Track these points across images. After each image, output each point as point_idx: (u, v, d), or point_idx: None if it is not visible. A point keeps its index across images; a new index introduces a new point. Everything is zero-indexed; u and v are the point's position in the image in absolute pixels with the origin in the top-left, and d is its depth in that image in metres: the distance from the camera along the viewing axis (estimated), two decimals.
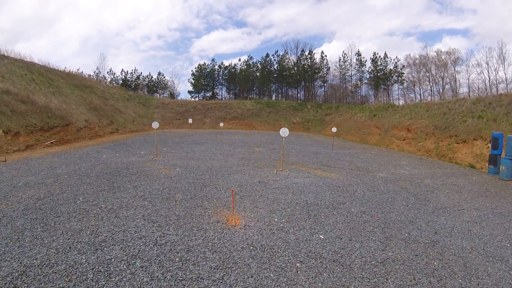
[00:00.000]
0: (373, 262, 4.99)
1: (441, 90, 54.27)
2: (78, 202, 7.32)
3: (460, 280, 4.56)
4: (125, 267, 4.48)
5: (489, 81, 48.89)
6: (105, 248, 5.02)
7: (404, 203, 8.41)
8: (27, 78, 22.40)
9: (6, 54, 25.38)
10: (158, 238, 5.51)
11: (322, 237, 5.89)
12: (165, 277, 4.29)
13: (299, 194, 8.82)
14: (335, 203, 8.10)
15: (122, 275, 4.29)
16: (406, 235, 6.21)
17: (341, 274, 4.60)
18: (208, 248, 5.24)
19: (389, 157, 18.57)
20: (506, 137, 13.60)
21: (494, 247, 5.78)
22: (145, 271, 4.42)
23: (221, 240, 5.57)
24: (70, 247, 4.97)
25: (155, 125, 15.09)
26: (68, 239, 5.28)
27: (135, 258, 4.77)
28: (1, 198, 7.19)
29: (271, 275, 4.50)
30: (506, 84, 45.71)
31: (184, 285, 4.13)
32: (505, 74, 48.27)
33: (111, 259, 4.69)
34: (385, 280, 4.48)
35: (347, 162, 15.28)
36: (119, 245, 5.17)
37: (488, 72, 49.36)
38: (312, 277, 4.49)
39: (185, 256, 4.93)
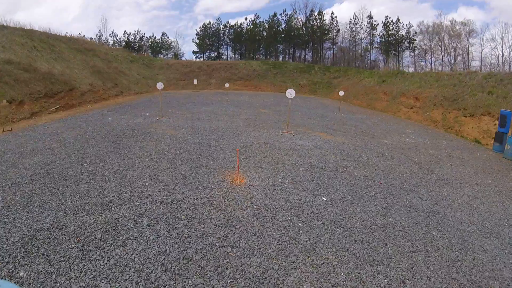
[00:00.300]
0: (373, 227, 5.09)
1: (452, 61, 52.71)
2: (85, 164, 7.39)
3: (456, 252, 4.64)
4: (132, 226, 4.59)
5: (503, 57, 47.10)
6: (113, 208, 5.13)
7: (407, 171, 8.45)
8: (28, 46, 21.96)
9: (5, 24, 24.72)
10: (164, 197, 5.61)
11: (325, 199, 5.98)
12: (171, 235, 4.41)
13: (303, 156, 8.87)
14: (339, 166, 8.15)
15: (129, 233, 4.41)
16: (407, 202, 6.28)
17: (341, 236, 4.70)
18: (213, 207, 5.34)
19: (395, 124, 18.46)
20: None
21: (492, 224, 5.81)
22: (152, 229, 4.54)
23: (226, 199, 5.67)
24: (78, 209, 5.07)
25: (160, 86, 14.94)
26: (76, 201, 5.38)
27: (142, 217, 4.89)
28: (9, 166, 7.20)
29: (274, 233, 4.61)
30: None
31: (189, 242, 4.25)
32: None
33: (118, 218, 4.80)
34: (384, 245, 4.58)
35: (352, 127, 15.22)
36: (126, 204, 5.28)
37: (502, 48, 47.49)
38: (313, 237, 4.60)
39: (191, 214, 5.04)
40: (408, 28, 61.38)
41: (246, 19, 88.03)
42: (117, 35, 67.91)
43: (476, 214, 6.21)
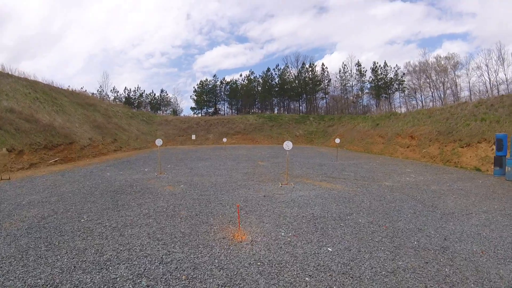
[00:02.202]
0: (383, 273, 4.91)
1: (442, 96, 54.41)
2: (82, 220, 7.31)
3: (472, 284, 4.48)
4: (130, 287, 4.43)
5: (490, 83, 49.15)
6: (110, 267, 4.98)
7: (411, 211, 8.32)
8: (31, 97, 22.68)
9: (10, 73, 25.84)
10: (163, 256, 5.46)
11: (331, 250, 5.82)
12: None
13: (305, 207, 8.76)
14: (342, 214, 8.03)
15: None
16: (415, 243, 6.12)
17: (351, 287, 4.52)
18: (214, 265, 5.18)
19: (394, 165, 18.46)
20: (510, 137, 13.57)
21: (505, 249, 5.71)
22: None
23: (228, 257, 5.51)
24: (74, 267, 4.93)
25: (159, 142, 15.16)
26: (73, 258, 5.24)
27: (141, 277, 4.73)
28: (5, 217, 7.19)
29: None
30: (507, 85, 45.89)
31: None
32: (505, 75, 48.32)
33: (116, 278, 4.65)
34: None
35: (352, 173, 15.20)
36: (124, 264, 5.13)
37: (488, 74, 49.62)
38: None
39: (192, 273, 4.88)
40: (396, 71, 64.20)
41: (241, 75, 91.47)
42: (118, 91, 70.80)
43: (486, 242, 6.07)
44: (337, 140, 23.85)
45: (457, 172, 15.35)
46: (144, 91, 75.16)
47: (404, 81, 62.69)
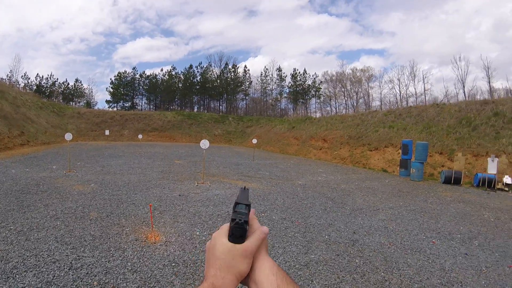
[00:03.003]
0: (297, 266, 5.03)
1: (355, 104, 58.90)
2: None
3: (382, 273, 4.75)
4: None
5: (400, 95, 54.69)
6: (17, 276, 4.36)
7: (322, 207, 8.71)
8: None
9: None
10: (73, 262, 4.94)
11: None
12: None
13: (220, 205, 8.67)
14: (256, 212, 8.08)
15: None
16: (327, 237, 6.40)
17: None
18: (127, 269, 4.84)
19: (307, 165, 19.35)
20: (415, 143, 15.23)
21: (411, 240, 6.20)
22: None
23: (141, 259, 5.19)
24: None
25: (68, 136, 13.85)
26: None
27: (50, 285, 4.22)
28: None
29: None
30: (416, 98, 51.55)
31: None
32: (414, 89, 54.38)
33: (24, 287, 4.12)
34: (310, 282, 4.51)
35: (267, 172, 15.55)
36: (31, 271, 4.53)
37: (399, 87, 55.18)
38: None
39: (104, 279, 4.49)
40: (314, 78, 67.92)
41: (162, 69, 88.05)
42: (29, 78, 62.76)
43: (393, 235, 6.54)
44: (255, 141, 24.32)
45: (366, 172, 16.66)
46: (57, 79, 67.83)
47: (321, 88, 66.80)
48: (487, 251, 5.77)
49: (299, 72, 68.95)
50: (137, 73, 71.77)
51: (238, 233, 0.70)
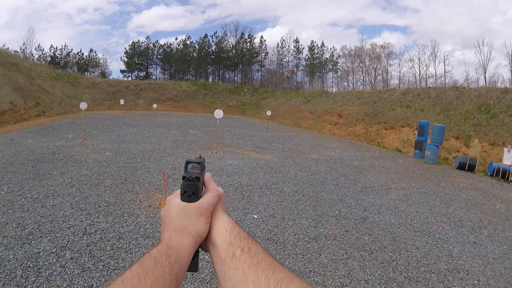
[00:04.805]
0: (306, 239, 5.05)
1: (373, 81, 57.44)
2: (2, 193, 6.46)
3: (390, 253, 4.76)
4: (54, 260, 4.04)
5: (419, 75, 52.66)
6: (33, 241, 4.49)
7: (334, 183, 8.69)
8: None
9: None
10: (87, 227, 5.06)
11: (256, 217, 5.85)
12: (97, 268, 3.94)
13: (233, 175, 8.71)
14: (268, 183, 8.12)
15: (52, 268, 3.85)
16: (337, 212, 6.40)
17: (275, 252, 4.58)
18: (140, 234, 4.93)
19: (321, 140, 19.23)
20: (432, 125, 14.83)
21: (421, 222, 6.15)
22: (76, 262, 4.02)
23: (154, 225, 5.29)
24: None
25: (83, 106, 13.92)
26: None
27: (65, 249, 4.34)
28: None
29: (206, 257, 4.35)
30: (435, 79, 49.54)
31: (117, 275, 3.82)
32: (435, 70, 52.19)
33: (39, 252, 4.21)
34: (318, 255, 4.55)
35: (280, 145, 15.50)
36: (47, 237, 4.67)
37: (419, 67, 52.99)
38: None
39: (117, 244, 4.59)
40: (332, 52, 66.06)
41: (176, 39, 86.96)
42: (43, 49, 62.88)
43: (404, 215, 6.51)
44: (269, 113, 24.13)
45: (380, 151, 16.46)
46: (71, 50, 67.70)
47: (339, 62, 65.07)
48: (495, 242, 5.67)
49: (317, 45, 67.24)
50: (151, 43, 71.08)
51: (190, 190, 0.67)
